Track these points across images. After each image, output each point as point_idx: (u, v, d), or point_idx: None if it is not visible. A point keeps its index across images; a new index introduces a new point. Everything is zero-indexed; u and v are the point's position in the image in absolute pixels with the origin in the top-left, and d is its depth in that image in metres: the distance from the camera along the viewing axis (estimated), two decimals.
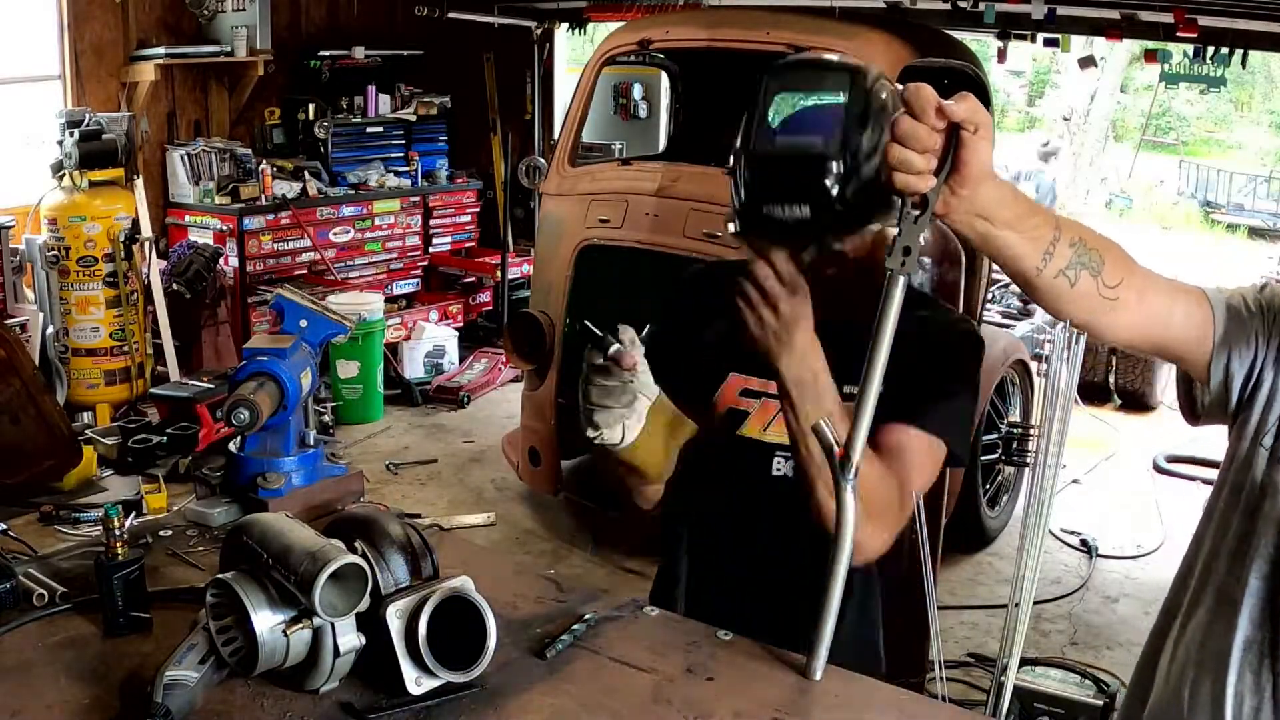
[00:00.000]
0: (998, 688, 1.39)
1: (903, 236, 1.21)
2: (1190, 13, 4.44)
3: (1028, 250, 1.30)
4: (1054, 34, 5.44)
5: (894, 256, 1.22)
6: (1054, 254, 1.31)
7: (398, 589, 1.34)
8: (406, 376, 6.60)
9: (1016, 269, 1.32)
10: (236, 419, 1.66)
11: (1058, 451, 1.33)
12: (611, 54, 4.82)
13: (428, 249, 7.48)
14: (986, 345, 1.73)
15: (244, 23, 6.38)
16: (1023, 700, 3.07)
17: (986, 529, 4.85)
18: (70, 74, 5.99)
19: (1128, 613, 4.24)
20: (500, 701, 1.30)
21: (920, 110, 1.19)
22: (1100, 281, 1.34)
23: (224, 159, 6.48)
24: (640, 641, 1.45)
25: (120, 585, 1.42)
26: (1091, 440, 5.96)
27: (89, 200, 5.51)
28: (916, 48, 4.22)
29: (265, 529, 1.32)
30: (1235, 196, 16.00)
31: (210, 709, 1.26)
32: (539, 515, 5.04)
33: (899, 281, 1.23)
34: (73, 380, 5.59)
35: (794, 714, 1.30)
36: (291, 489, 1.78)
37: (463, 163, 7.81)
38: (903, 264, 1.21)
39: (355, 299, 6.09)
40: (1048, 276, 1.32)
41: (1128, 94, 19.21)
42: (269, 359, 1.76)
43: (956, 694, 3.43)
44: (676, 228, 4.26)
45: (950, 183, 1.22)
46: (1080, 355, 1.36)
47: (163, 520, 1.81)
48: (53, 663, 1.36)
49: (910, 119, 1.20)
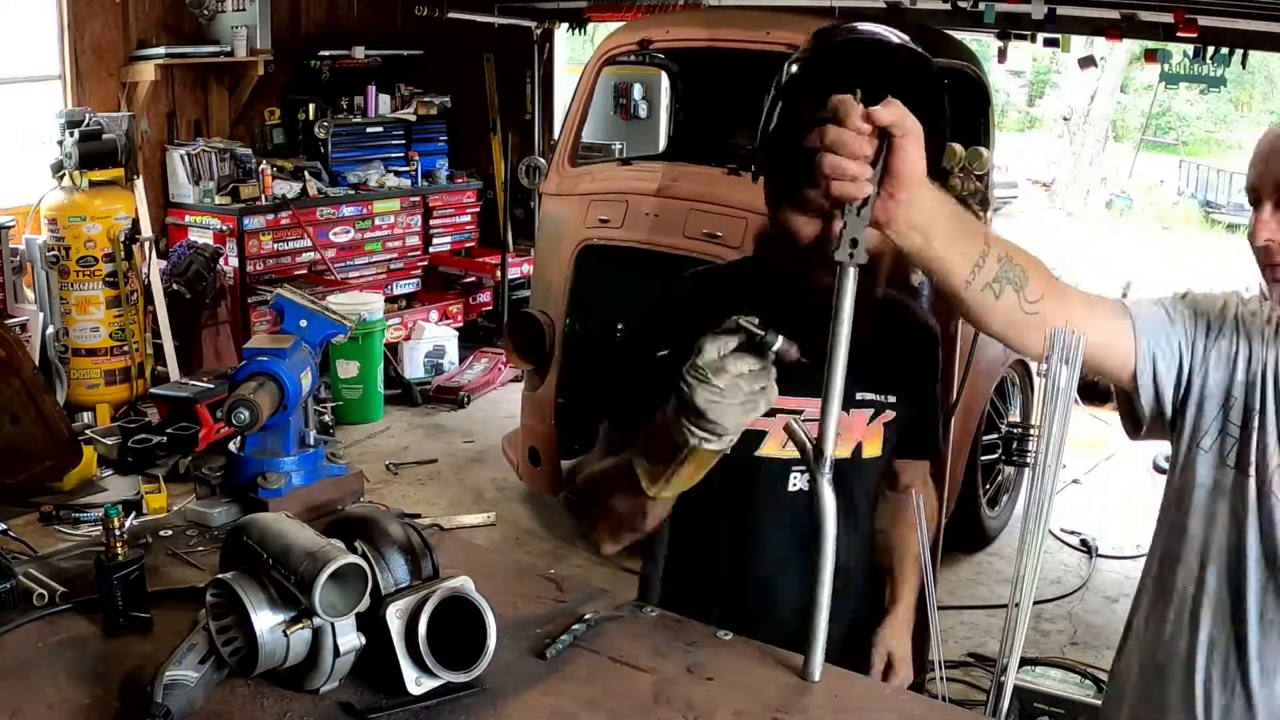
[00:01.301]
0: (998, 688, 1.39)
1: (849, 229, 1.24)
2: (1190, 13, 4.44)
3: (959, 264, 1.33)
4: (1054, 34, 5.44)
5: (842, 248, 1.25)
6: (982, 267, 1.34)
7: (398, 589, 1.34)
8: (406, 376, 6.60)
9: (946, 281, 1.35)
10: (236, 419, 1.66)
11: (1058, 451, 1.33)
12: (611, 54, 4.81)
13: (428, 249, 7.48)
14: (987, 345, 1.75)
15: (244, 23, 6.38)
16: (1023, 700, 3.07)
17: (986, 529, 4.85)
18: (70, 74, 5.99)
19: (1127, 613, 4.25)
20: (500, 701, 1.30)
21: (844, 116, 1.21)
22: (1022, 296, 1.38)
23: (224, 159, 6.48)
24: (640, 641, 1.45)
25: (120, 585, 1.42)
26: (1091, 440, 5.95)
27: (89, 200, 5.51)
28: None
29: (265, 529, 1.32)
30: (1235, 196, 15.98)
31: (210, 709, 1.26)
32: (539, 515, 5.04)
33: (850, 272, 1.27)
34: (73, 380, 5.59)
35: (794, 714, 1.30)
36: (291, 489, 1.78)
37: (463, 163, 7.81)
38: (851, 255, 1.25)
39: (355, 299, 6.09)
40: (974, 290, 1.35)
41: (1128, 94, 19.21)
42: (269, 359, 1.76)
43: (956, 694, 3.43)
44: (676, 228, 4.26)
45: (887, 188, 1.24)
46: (1080, 355, 1.36)
47: (163, 520, 1.81)
48: (53, 663, 1.36)
49: (835, 126, 1.22)
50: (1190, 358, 1.52)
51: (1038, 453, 1.35)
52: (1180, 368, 1.52)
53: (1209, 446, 1.53)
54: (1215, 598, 1.54)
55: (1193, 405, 1.53)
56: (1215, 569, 1.54)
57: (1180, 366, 1.52)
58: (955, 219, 1.32)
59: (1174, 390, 1.53)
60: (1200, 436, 1.53)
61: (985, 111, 4.73)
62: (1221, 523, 1.53)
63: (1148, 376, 1.52)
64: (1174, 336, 1.52)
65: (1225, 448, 1.52)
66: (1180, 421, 1.55)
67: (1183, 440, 1.55)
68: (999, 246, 1.36)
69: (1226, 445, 1.52)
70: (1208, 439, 1.53)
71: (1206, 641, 1.55)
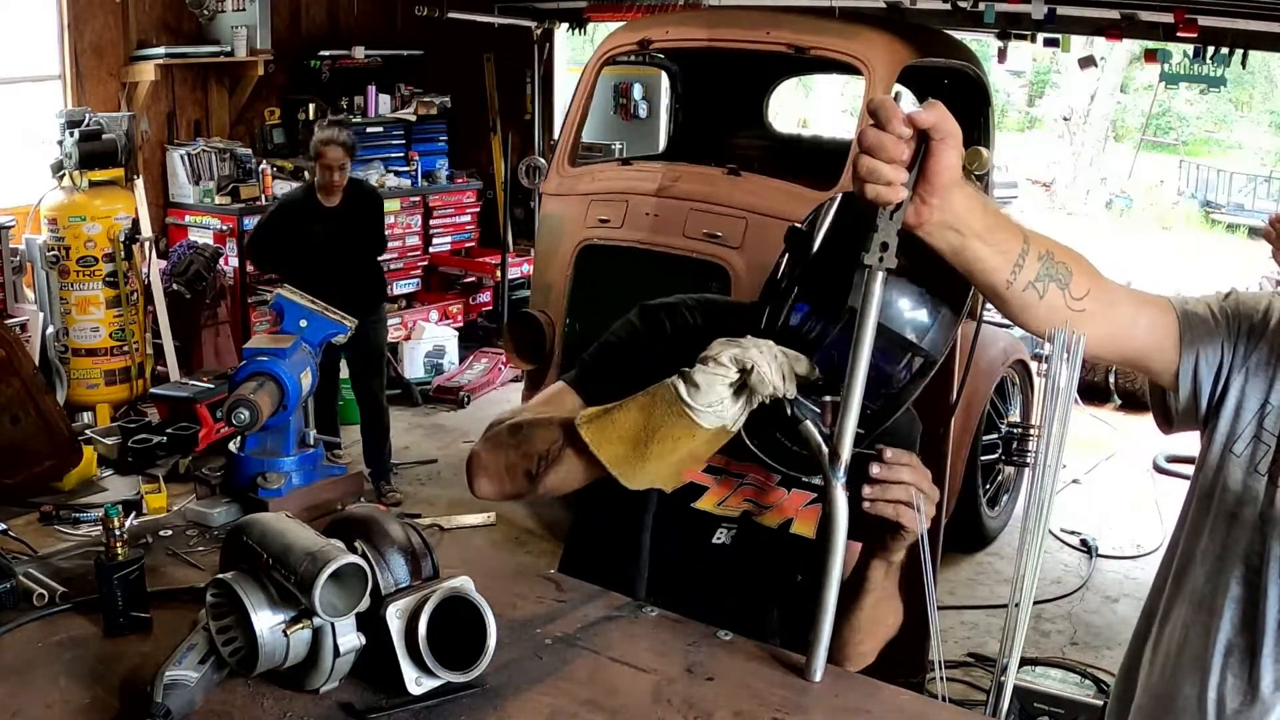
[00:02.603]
0: (998, 688, 1.39)
1: (880, 233, 1.22)
2: (1190, 13, 4.44)
3: (998, 263, 1.31)
4: (1054, 34, 5.44)
5: (871, 252, 1.23)
6: (1023, 266, 1.32)
7: (398, 589, 1.34)
8: (406, 376, 6.60)
9: (986, 281, 1.33)
10: (236, 419, 1.66)
11: (1058, 451, 1.32)
12: (611, 54, 4.82)
13: (428, 249, 7.48)
14: (987, 345, 1.73)
15: (244, 23, 6.38)
16: (1023, 700, 3.07)
17: (986, 529, 4.85)
18: (70, 74, 5.99)
19: (1128, 613, 4.25)
20: (500, 701, 1.30)
21: (886, 120, 1.19)
22: (1068, 294, 1.36)
23: (224, 159, 6.49)
24: (640, 641, 1.44)
25: (120, 585, 1.41)
26: (1091, 440, 5.96)
27: (89, 200, 5.51)
28: (916, 48, 4.22)
29: (265, 529, 1.32)
30: (1235, 196, 16.00)
31: (210, 709, 1.26)
32: (539, 515, 5.04)
33: (877, 276, 1.25)
34: (73, 380, 5.59)
35: (794, 714, 1.30)
36: (291, 489, 1.78)
37: (463, 163, 7.81)
38: (880, 259, 1.23)
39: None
40: (1017, 289, 1.33)
41: (1128, 94, 19.23)
42: (269, 359, 1.76)
43: (956, 694, 3.43)
44: (676, 228, 4.26)
45: (920, 191, 1.22)
46: (1081, 355, 1.35)
47: (163, 520, 1.81)
48: (53, 663, 1.36)
49: (876, 130, 1.20)
50: (1232, 359, 1.49)
51: (1038, 453, 1.35)
52: (1220, 369, 1.49)
53: (1241, 452, 1.51)
54: (1234, 603, 1.52)
55: (1229, 408, 1.50)
56: (1237, 574, 1.52)
57: (1220, 368, 1.49)
58: (991, 216, 1.30)
59: (1211, 391, 1.51)
60: (1234, 441, 1.51)
61: (985, 111, 4.73)
62: (1246, 529, 1.51)
63: (1188, 376, 1.49)
64: (1217, 336, 1.49)
65: (1258, 454, 1.49)
66: (1215, 422, 1.52)
67: (1215, 442, 1.53)
68: (1039, 244, 1.34)
69: (1259, 452, 1.49)
70: (1240, 444, 1.50)
71: (1223, 646, 1.53)
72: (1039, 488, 1.33)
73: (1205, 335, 1.49)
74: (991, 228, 1.30)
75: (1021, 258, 1.32)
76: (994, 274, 1.32)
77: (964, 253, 1.29)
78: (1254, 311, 1.51)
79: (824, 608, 1.35)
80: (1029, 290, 1.34)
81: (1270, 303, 1.51)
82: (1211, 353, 1.49)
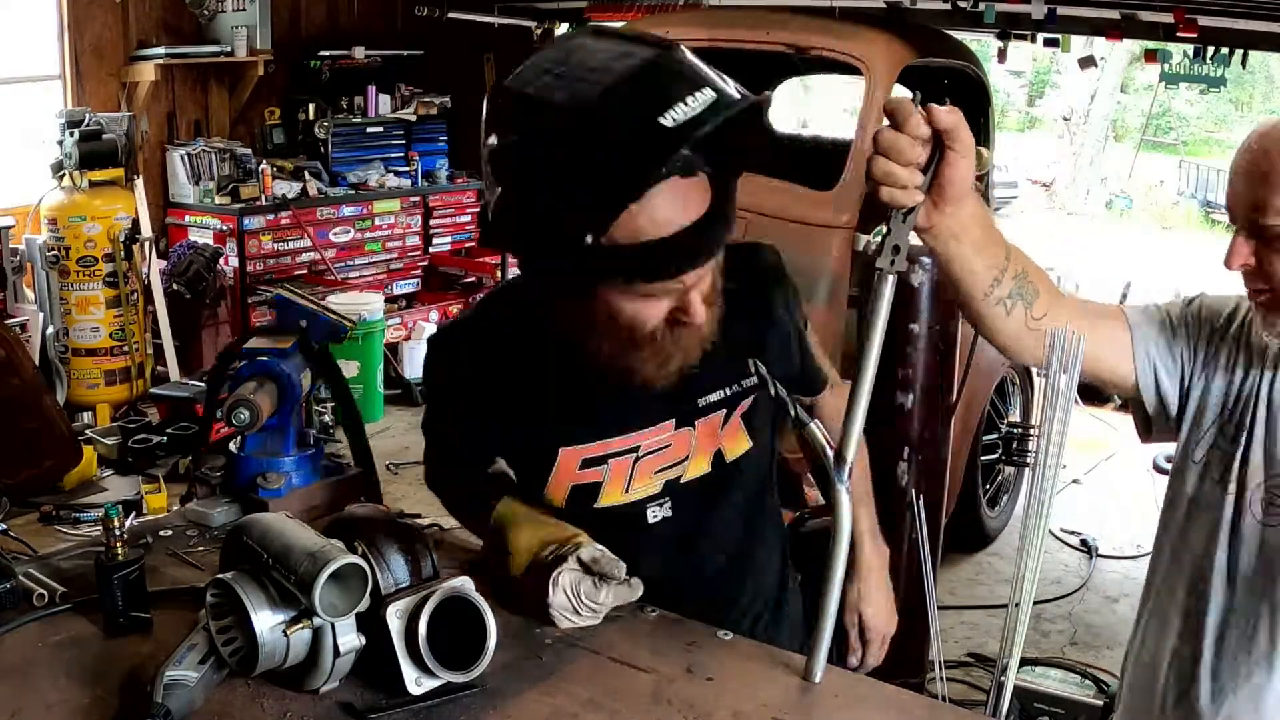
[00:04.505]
0: (998, 688, 1.39)
1: (891, 235, 1.22)
2: (1190, 13, 4.44)
3: (984, 275, 1.34)
4: (1054, 34, 5.44)
5: (884, 255, 1.22)
6: (1001, 282, 1.36)
7: (398, 589, 1.34)
8: (406, 376, 6.59)
9: (966, 288, 1.36)
10: (236, 419, 1.66)
11: (1058, 451, 1.33)
12: None
13: (428, 249, 7.47)
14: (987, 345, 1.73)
15: (244, 23, 6.38)
16: (1023, 700, 3.07)
17: (986, 529, 4.84)
18: (70, 74, 5.99)
19: (1128, 613, 4.24)
20: (500, 701, 1.30)
21: (902, 121, 1.18)
22: (1029, 313, 1.40)
23: (224, 159, 6.48)
24: (640, 641, 1.44)
25: (120, 585, 1.41)
26: (1091, 440, 5.96)
27: (89, 200, 5.51)
28: (916, 48, 4.22)
29: (265, 529, 1.32)
30: None
31: (210, 709, 1.26)
32: None
33: (889, 280, 1.23)
34: (73, 380, 5.59)
35: (794, 714, 1.30)
36: (291, 489, 1.78)
37: (463, 163, 7.80)
38: (892, 262, 1.22)
39: (355, 299, 6.09)
40: (990, 302, 1.37)
41: (1128, 94, 19.21)
42: (269, 359, 1.76)
43: (956, 694, 3.43)
44: None
45: (933, 196, 1.22)
46: (1081, 355, 1.36)
47: (163, 520, 1.81)
48: (53, 663, 1.36)
49: (892, 131, 1.18)
50: (1192, 366, 1.51)
51: (1038, 453, 1.35)
52: (1183, 377, 1.51)
53: (1199, 459, 1.53)
54: (1180, 611, 1.54)
55: (1189, 415, 1.52)
56: (1184, 581, 1.53)
57: (1183, 376, 1.51)
58: (987, 229, 1.31)
59: (1178, 399, 1.52)
60: (1193, 448, 1.53)
61: (986, 111, 4.73)
62: (1197, 536, 1.52)
63: (1150, 387, 1.51)
64: (1175, 346, 1.51)
65: (1213, 461, 1.51)
66: (1180, 430, 1.54)
67: (1179, 449, 1.55)
68: (1017, 263, 1.37)
69: (1214, 459, 1.51)
70: (1199, 451, 1.52)
71: (1170, 653, 1.55)
72: (1039, 488, 1.34)
73: (1162, 346, 1.52)
74: (987, 240, 1.32)
75: (1002, 273, 1.35)
76: (975, 285, 1.35)
77: (958, 260, 1.31)
78: (1217, 316, 1.53)
79: (825, 608, 1.35)
80: (999, 305, 1.37)
81: (1239, 303, 1.53)
82: (1170, 361, 1.51)
